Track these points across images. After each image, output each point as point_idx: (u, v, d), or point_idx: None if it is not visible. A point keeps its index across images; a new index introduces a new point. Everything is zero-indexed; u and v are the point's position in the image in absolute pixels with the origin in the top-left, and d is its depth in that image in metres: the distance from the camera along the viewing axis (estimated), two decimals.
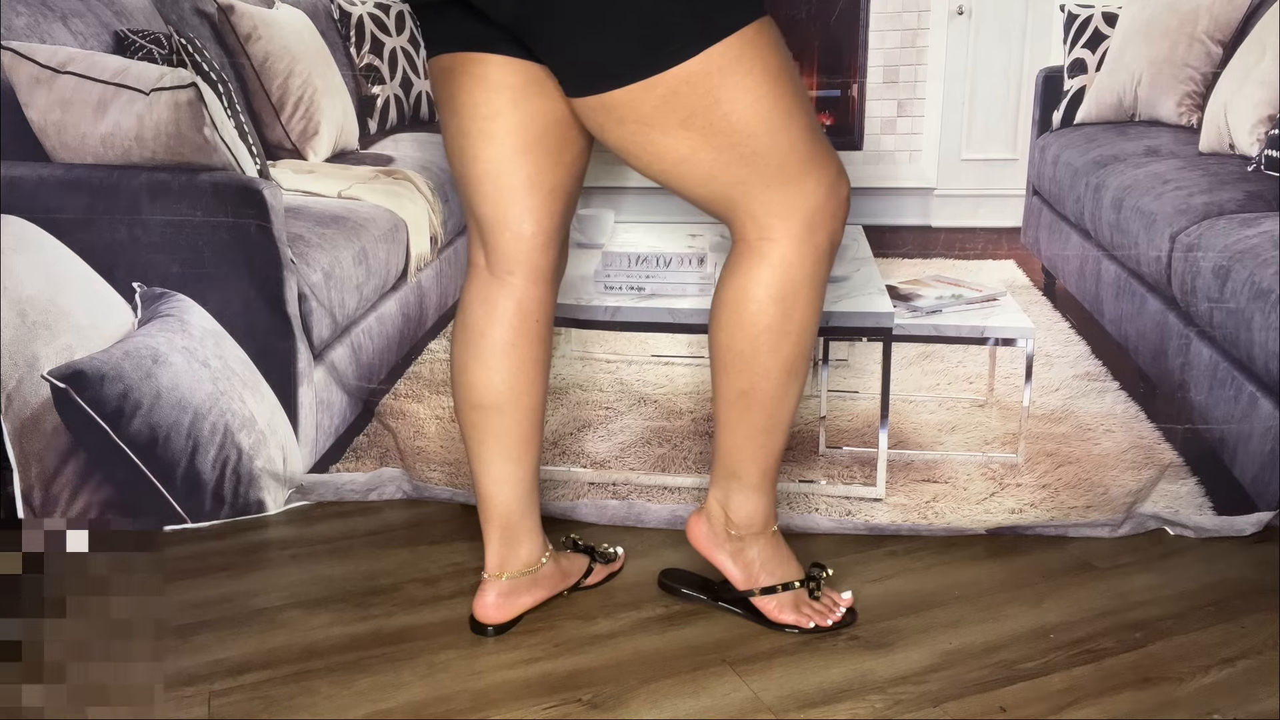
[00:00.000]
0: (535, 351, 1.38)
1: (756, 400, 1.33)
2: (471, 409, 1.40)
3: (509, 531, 1.45)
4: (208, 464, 1.78)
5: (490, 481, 1.43)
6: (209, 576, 1.64)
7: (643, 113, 1.17)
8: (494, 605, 1.45)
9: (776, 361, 1.30)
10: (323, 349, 1.82)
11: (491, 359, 1.37)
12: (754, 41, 1.16)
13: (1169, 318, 1.68)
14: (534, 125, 1.28)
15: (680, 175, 1.23)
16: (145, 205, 1.70)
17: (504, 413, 1.39)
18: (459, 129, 1.30)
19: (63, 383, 1.67)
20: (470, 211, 1.36)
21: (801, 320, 1.29)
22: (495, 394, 1.38)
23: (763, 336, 1.28)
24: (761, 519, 1.43)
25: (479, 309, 1.37)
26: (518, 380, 1.38)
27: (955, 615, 1.51)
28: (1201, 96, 1.65)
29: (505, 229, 1.33)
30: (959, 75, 1.66)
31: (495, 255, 1.36)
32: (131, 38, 1.68)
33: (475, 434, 1.41)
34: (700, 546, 1.47)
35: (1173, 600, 1.55)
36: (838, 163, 1.27)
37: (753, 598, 1.45)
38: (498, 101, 1.27)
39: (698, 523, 1.46)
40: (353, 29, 1.80)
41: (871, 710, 1.29)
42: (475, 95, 1.27)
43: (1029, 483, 1.74)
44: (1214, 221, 1.64)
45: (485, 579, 1.45)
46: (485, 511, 1.44)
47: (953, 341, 1.73)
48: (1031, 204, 1.70)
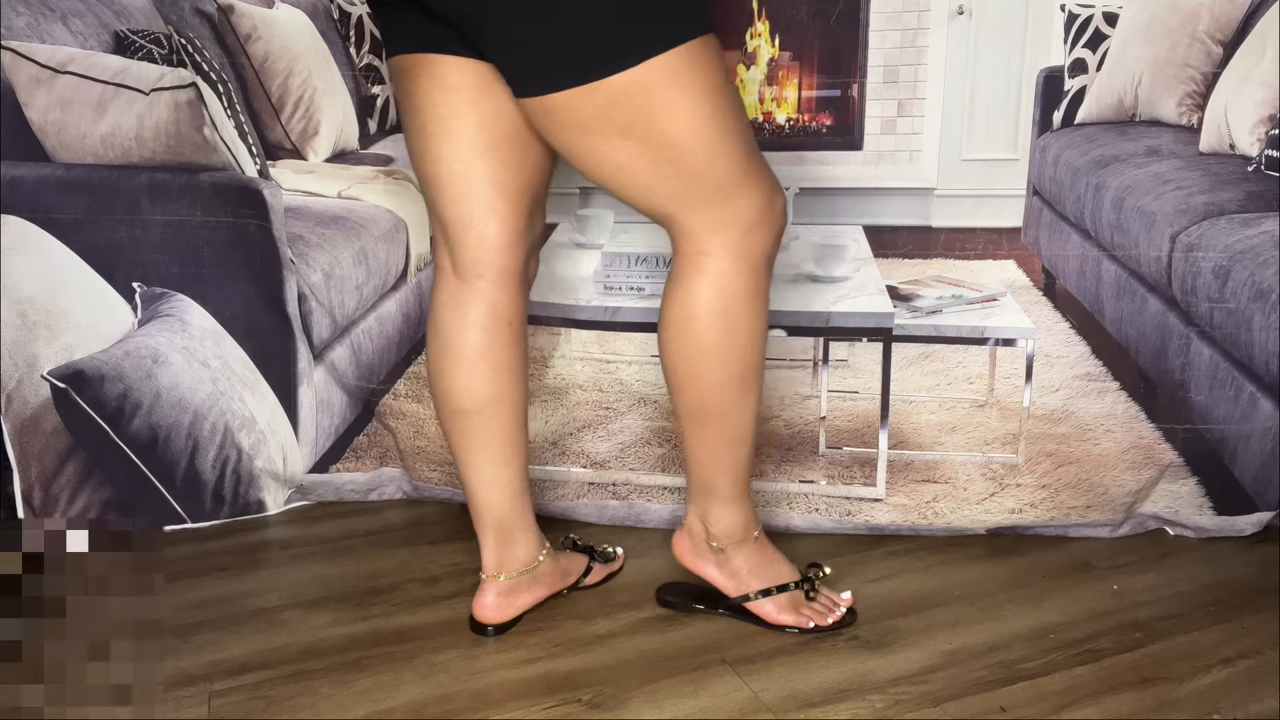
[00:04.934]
0: (510, 355, 1.38)
1: (713, 414, 1.33)
2: (452, 414, 1.39)
3: (503, 533, 1.45)
4: (208, 464, 1.78)
5: (480, 485, 1.42)
6: (209, 576, 1.64)
7: (582, 117, 1.17)
8: (493, 605, 1.45)
9: (726, 376, 1.30)
10: (323, 349, 1.82)
11: (468, 364, 1.36)
12: (695, 58, 1.16)
13: (1169, 318, 1.68)
14: (495, 126, 1.28)
15: (620, 182, 1.24)
16: (145, 205, 1.70)
17: (486, 416, 1.38)
18: (420, 128, 1.30)
19: (63, 383, 1.67)
20: (435, 214, 1.35)
21: (746, 334, 1.29)
22: (475, 398, 1.37)
23: (708, 353, 1.29)
24: (741, 528, 1.44)
25: (450, 314, 1.36)
26: (495, 384, 1.37)
27: (955, 615, 1.51)
28: (1202, 96, 1.65)
29: (470, 230, 1.32)
30: (959, 75, 1.66)
31: (462, 258, 1.34)
32: (131, 38, 1.68)
33: (460, 439, 1.41)
34: (686, 562, 1.48)
35: (1173, 600, 1.55)
36: (772, 179, 1.27)
37: (748, 603, 1.45)
38: (456, 102, 1.26)
39: (681, 539, 1.48)
40: (352, 29, 1.80)
41: (871, 710, 1.29)
42: (434, 96, 1.27)
43: (1029, 483, 1.74)
44: (1214, 221, 1.64)
45: (484, 579, 1.45)
46: (478, 514, 1.44)
47: (953, 342, 1.73)
48: (1032, 204, 1.70)
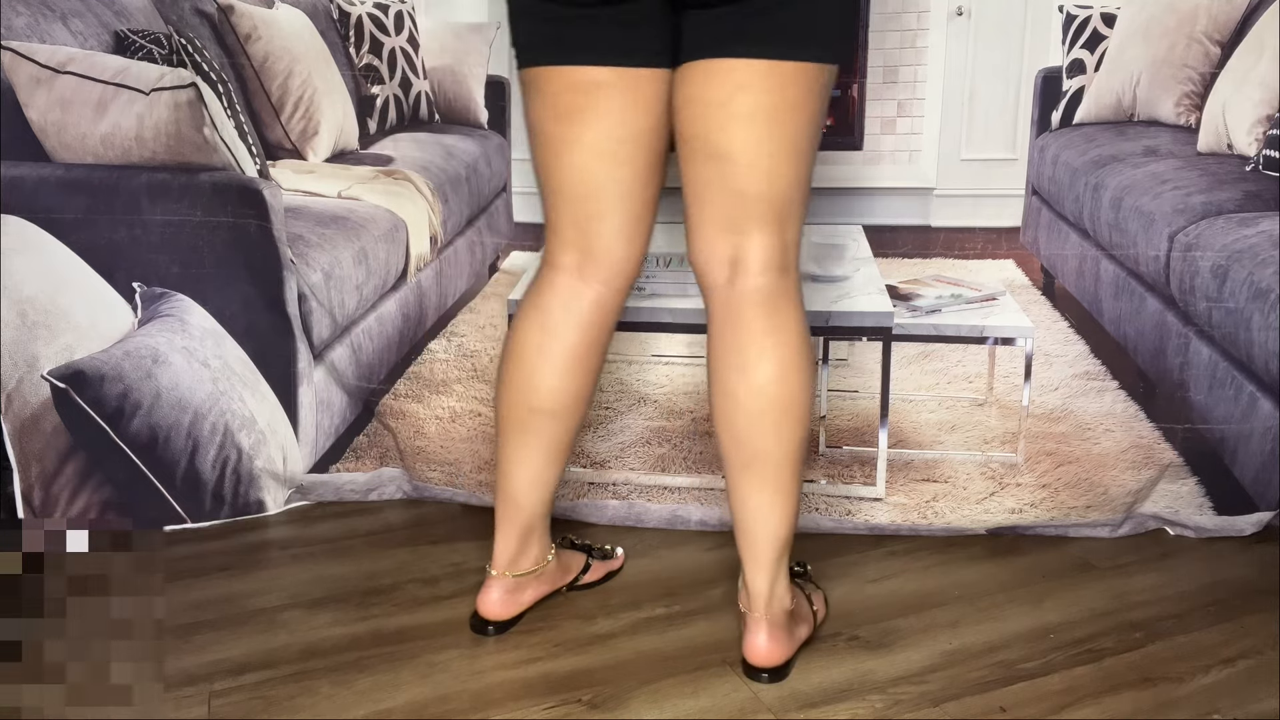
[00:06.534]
0: (599, 361, 1.38)
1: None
2: (530, 412, 1.37)
3: (528, 531, 1.44)
4: (208, 464, 1.78)
5: (525, 483, 1.41)
6: (209, 576, 1.64)
7: (792, 94, 1.21)
8: (499, 601, 1.45)
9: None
10: (323, 349, 1.82)
11: (564, 364, 1.34)
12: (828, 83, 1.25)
13: (1168, 317, 1.68)
14: (648, 137, 1.28)
15: (762, 170, 1.25)
16: (145, 205, 1.70)
17: (560, 418, 1.37)
18: (588, 145, 1.26)
19: (63, 383, 1.67)
20: (566, 216, 1.33)
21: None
22: (560, 400, 1.36)
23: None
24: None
25: (561, 314, 1.34)
26: (583, 388, 1.37)
27: (955, 615, 1.51)
28: (1200, 96, 1.65)
29: (607, 238, 1.31)
30: (959, 75, 1.67)
31: (592, 263, 1.33)
32: (131, 38, 1.68)
33: (523, 436, 1.39)
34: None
35: (1173, 600, 1.55)
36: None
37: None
38: (637, 117, 1.26)
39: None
40: (352, 29, 1.81)
41: (871, 710, 1.29)
42: (625, 113, 1.25)
43: (1029, 482, 1.74)
44: (1212, 221, 1.64)
45: (492, 576, 1.45)
46: (508, 510, 1.43)
47: (952, 341, 1.73)
48: (1031, 204, 1.71)
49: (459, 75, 1.82)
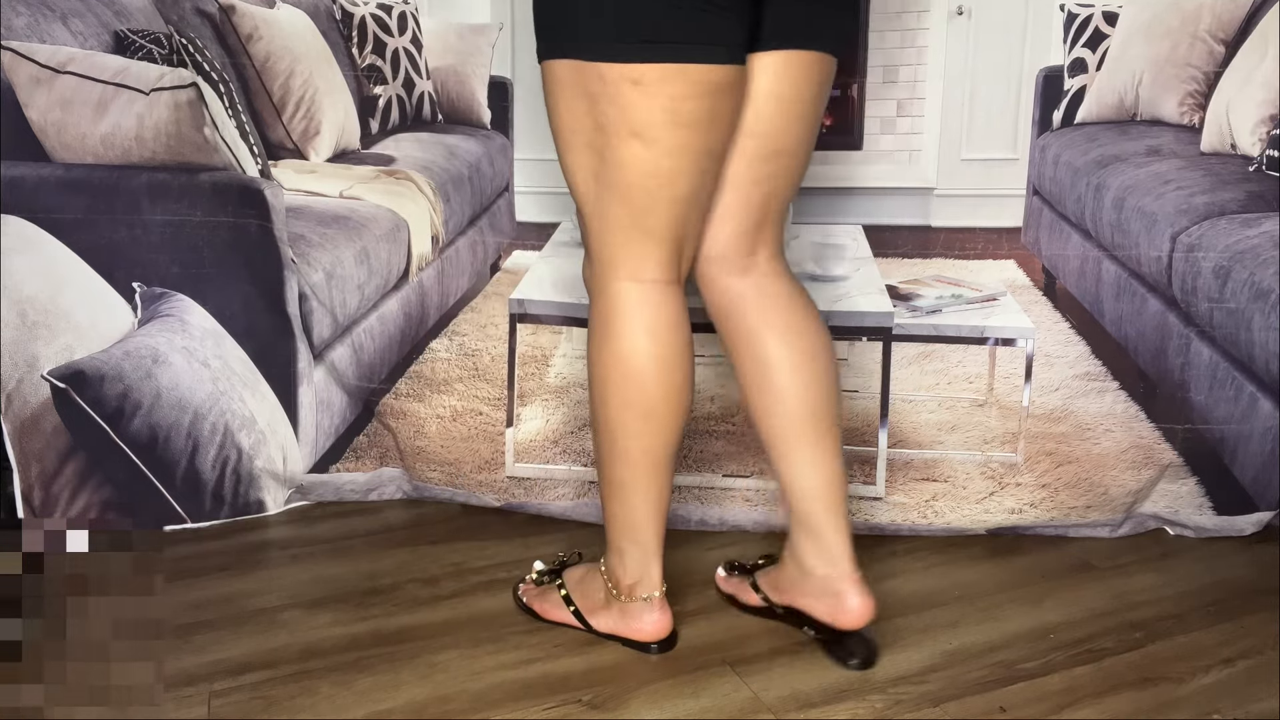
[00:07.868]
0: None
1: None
2: (680, 436, 1.32)
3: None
4: (208, 464, 1.78)
5: (665, 491, 1.35)
6: (209, 576, 1.64)
7: (827, 87, 1.23)
8: (667, 620, 1.39)
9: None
10: (323, 349, 1.82)
11: (690, 376, 1.31)
12: None
13: (1169, 318, 1.68)
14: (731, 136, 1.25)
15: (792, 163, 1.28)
16: (145, 205, 1.70)
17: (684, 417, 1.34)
18: (705, 151, 1.19)
19: (63, 383, 1.67)
20: (662, 223, 1.23)
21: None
22: (688, 396, 1.32)
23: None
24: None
25: (670, 333, 1.27)
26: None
27: (955, 615, 1.51)
28: (1203, 96, 1.65)
29: (694, 239, 1.27)
30: (959, 75, 1.66)
31: (678, 265, 1.27)
32: (131, 38, 1.68)
33: (667, 435, 1.31)
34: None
35: (1173, 600, 1.55)
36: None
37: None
38: (738, 115, 1.22)
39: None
40: (355, 29, 1.81)
41: (871, 710, 1.29)
42: (737, 114, 1.21)
43: (1029, 482, 1.73)
44: (1215, 221, 1.63)
45: (657, 595, 1.38)
46: (655, 529, 1.35)
47: (953, 341, 1.73)
48: (1032, 204, 1.70)
49: (462, 76, 1.82)
